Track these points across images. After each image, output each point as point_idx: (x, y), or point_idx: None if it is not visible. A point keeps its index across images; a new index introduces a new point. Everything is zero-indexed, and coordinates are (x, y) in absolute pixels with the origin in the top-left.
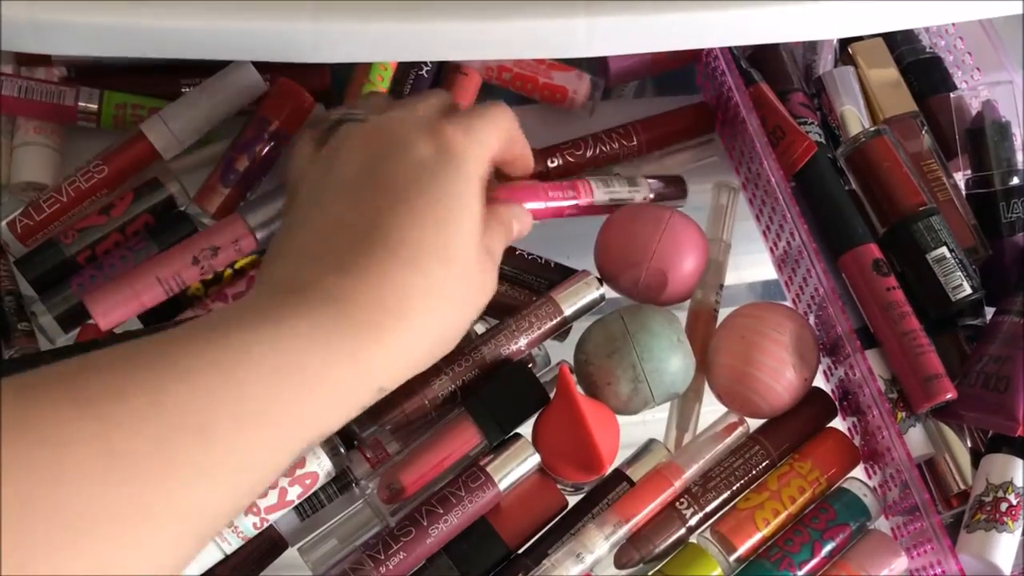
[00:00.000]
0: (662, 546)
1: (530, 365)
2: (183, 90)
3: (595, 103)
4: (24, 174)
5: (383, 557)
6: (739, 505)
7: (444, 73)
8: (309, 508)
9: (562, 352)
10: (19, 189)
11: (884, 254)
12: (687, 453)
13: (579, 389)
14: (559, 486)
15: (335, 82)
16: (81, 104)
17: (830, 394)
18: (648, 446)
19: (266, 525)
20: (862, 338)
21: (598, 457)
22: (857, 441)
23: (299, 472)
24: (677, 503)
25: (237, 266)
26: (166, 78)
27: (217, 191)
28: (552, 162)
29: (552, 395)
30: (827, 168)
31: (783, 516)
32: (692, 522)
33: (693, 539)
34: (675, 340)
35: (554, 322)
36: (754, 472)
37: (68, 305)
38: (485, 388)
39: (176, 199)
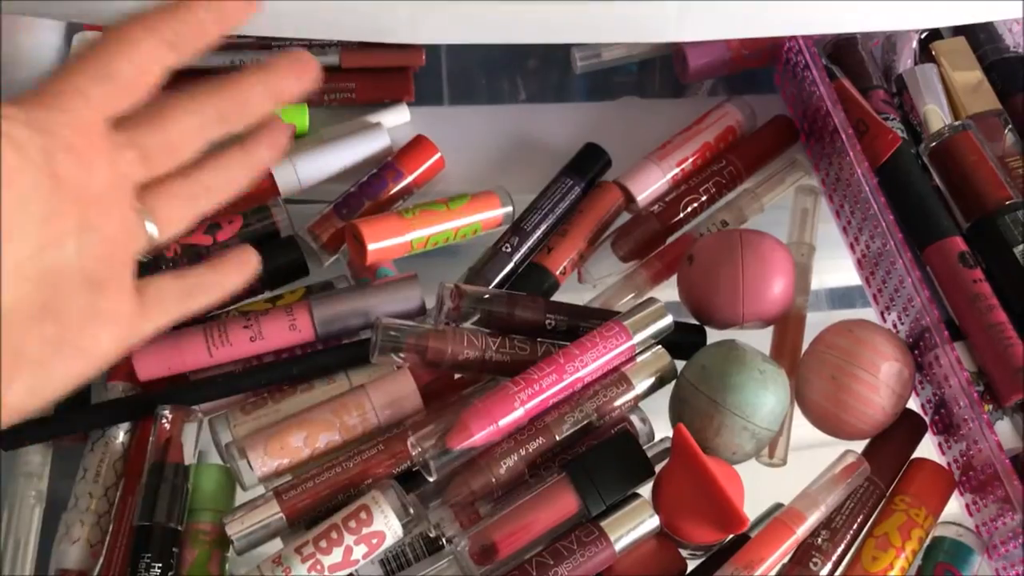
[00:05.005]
0: None
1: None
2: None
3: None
4: None
5: None
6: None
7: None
8: (396, 565)
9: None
10: None
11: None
12: (807, 498)
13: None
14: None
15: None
16: None
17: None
18: (774, 510)
19: None
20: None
21: (735, 513)
22: (949, 453)
23: (365, 531)
24: (811, 563)
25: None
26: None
27: (332, 222)
28: (685, 210)
29: (665, 461)
30: (911, 162)
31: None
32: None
33: None
34: (757, 374)
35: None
36: (867, 510)
37: None
38: (589, 455)
39: (280, 228)
